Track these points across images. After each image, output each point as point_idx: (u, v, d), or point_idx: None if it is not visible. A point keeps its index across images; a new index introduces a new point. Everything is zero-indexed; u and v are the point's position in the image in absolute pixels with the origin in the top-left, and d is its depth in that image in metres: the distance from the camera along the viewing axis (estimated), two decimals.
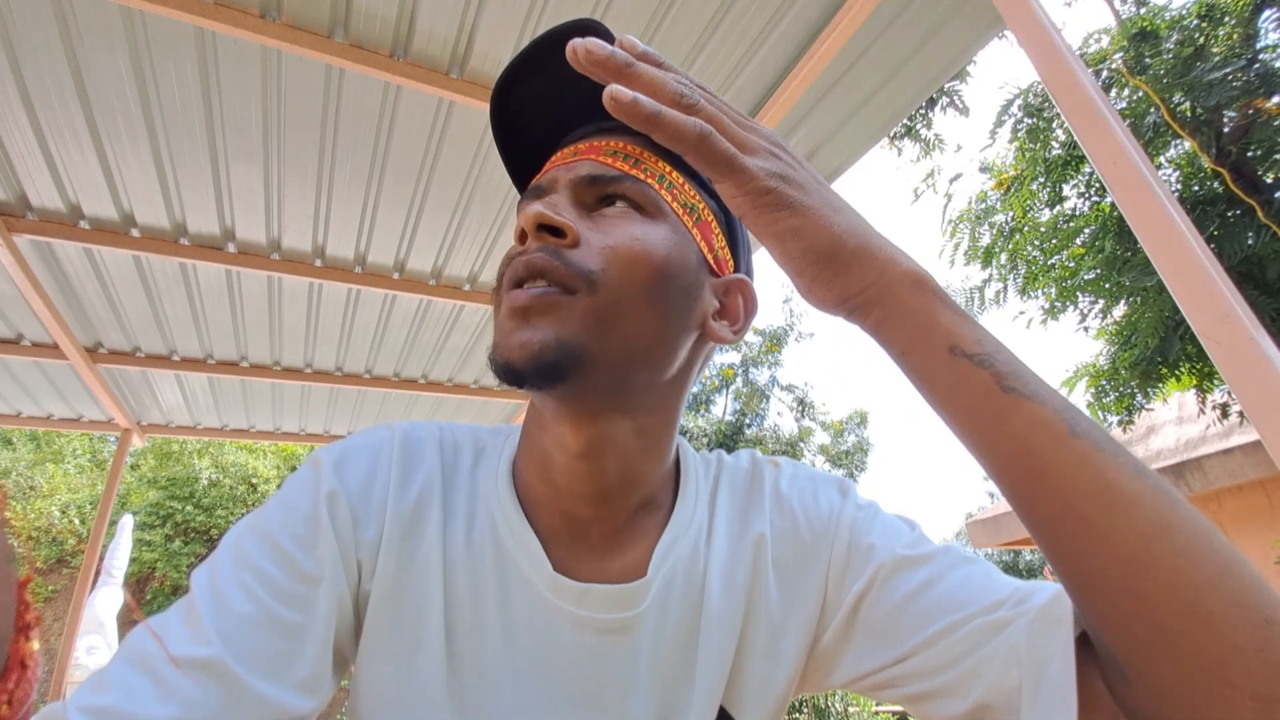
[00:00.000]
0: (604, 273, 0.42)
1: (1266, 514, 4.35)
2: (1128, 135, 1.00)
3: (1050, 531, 0.33)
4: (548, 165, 0.50)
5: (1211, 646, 0.28)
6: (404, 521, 0.46)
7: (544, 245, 0.43)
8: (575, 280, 0.42)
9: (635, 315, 0.43)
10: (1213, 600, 0.28)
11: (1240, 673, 0.28)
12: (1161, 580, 0.29)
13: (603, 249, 0.43)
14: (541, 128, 0.52)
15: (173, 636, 0.37)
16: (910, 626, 0.45)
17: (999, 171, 5.80)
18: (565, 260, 0.42)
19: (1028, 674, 0.37)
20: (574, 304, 0.41)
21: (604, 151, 0.47)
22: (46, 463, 10.31)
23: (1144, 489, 0.31)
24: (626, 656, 0.46)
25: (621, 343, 0.43)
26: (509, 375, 0.41)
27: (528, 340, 0.40)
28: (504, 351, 0.41)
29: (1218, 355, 0.86)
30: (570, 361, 0.41)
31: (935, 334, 0.37)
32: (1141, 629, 0.30)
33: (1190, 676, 0.29)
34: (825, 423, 11.86)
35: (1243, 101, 4.09)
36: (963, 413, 0.36)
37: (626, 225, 0.45)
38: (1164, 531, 0.30)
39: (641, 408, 0.47)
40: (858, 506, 0.53)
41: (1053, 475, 0.32)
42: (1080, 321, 5.15)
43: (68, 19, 1.55)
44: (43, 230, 2.13)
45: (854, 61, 1.91)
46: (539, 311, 0.41)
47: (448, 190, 2.20)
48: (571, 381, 0.41)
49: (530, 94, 0.51)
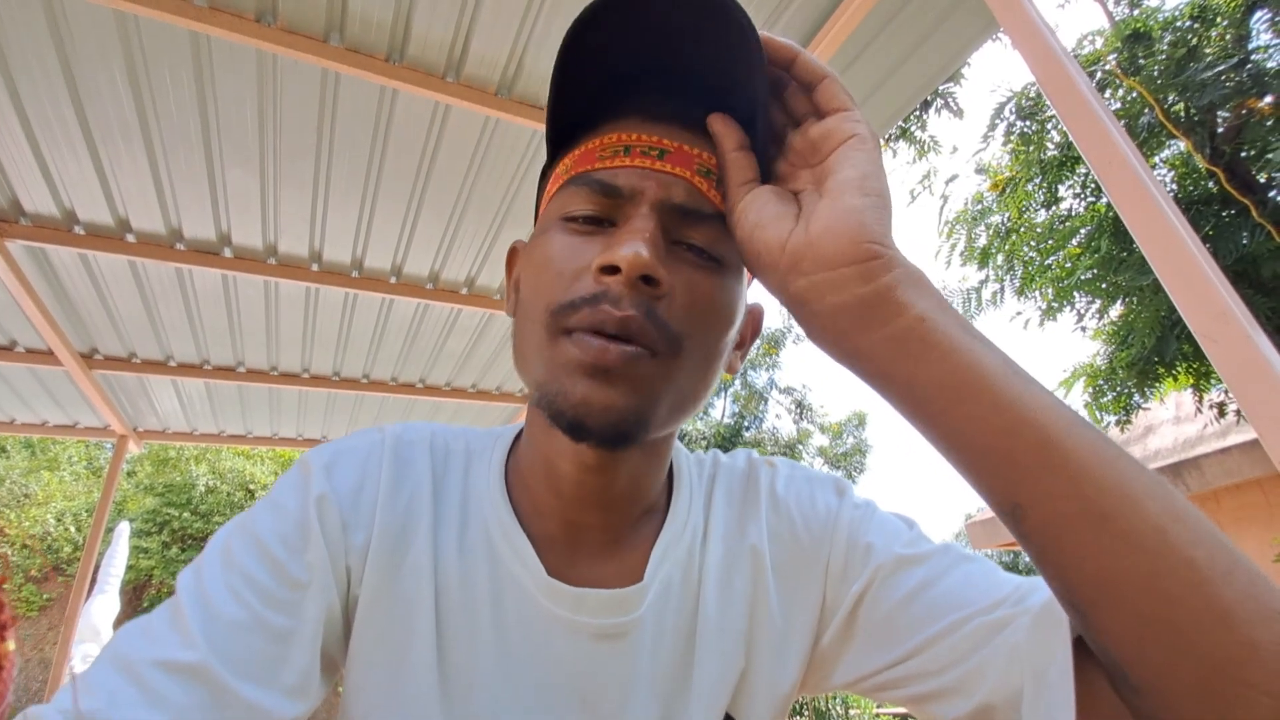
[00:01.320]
0: (689, 339, 0.41)
1: (1264, 512, 4.35)
2: (1123, 136, 1.00)
3: (1067, 528, 0.31)
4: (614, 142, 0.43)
5: (1230, 645, 0.27)
6: (394, 526, 0.46)
7: (642, 302, 0.39)
8: (664, 346, 0.40)
9: (700, 374, 0.43)
10: (1229, 593, 0.28)
11: (1258, 670, 0.27)
12: (1179, 574, 0.28)
13: (686, 308, 0.41)
14: (605, 78, 0.44)
15: (158, 640, 0.37)
16: (910, 626, 0.44)
17: (994, 173, 5.82)
18: (659, 323, 0.40)
19: (1029, 675, 0.36)
20: (658, 369, 0.40)
21: (697, 168, 0.43)
22: (42, 470, 10.25)
23: (1149, 479, 0.31)
24: (623, 662, 0.46)
25: (681, 401, 0.43)
26: (575, 432, 0.39)
27: (611, 405, 0.39)
28: (580, 410, 0.39)
29: (1214, 353, 0.86)
30: (641, 430, 0.40)
31: (949, 309, 0.36)
32: (1162, 629, 0.29)
33: (1209, 678, 0.28)
34: (824, 425, 11.88)
35: (1236, 102, 4.12)
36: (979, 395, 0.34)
37: (706, 279, 0.43)
38: (1176, 521, 0.29)
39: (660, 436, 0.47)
40: (854, 506, 0.52)
41: (1073, 466, 0.31)
42: (1077, 322, 5.17)
43: (60, 23, 1.55)
44: (37, 236, 2.12)
45: (849, 64, 1.91)
46: (624, 376, 0.39)
47: (444, 194, 2.20)
48: (633, 443, 0.41)
49: (604, 39, 0.42)
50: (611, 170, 0.42)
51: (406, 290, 2.61)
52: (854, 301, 0.36)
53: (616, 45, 0.42)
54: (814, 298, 0.37)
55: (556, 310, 0.41)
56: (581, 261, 0.41)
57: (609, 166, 0.43)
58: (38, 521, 9.54)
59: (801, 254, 0.37)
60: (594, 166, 0.43)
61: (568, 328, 0.40)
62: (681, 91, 0.44)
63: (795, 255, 0.38)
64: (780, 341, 11.55)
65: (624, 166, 0.42)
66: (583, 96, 0.45)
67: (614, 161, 0.42)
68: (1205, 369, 4.28)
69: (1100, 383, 4.88)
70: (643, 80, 0.44)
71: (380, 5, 1.58)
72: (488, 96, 1.82)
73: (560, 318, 0.40)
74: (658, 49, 0.43)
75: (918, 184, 7.17)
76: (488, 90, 1.83)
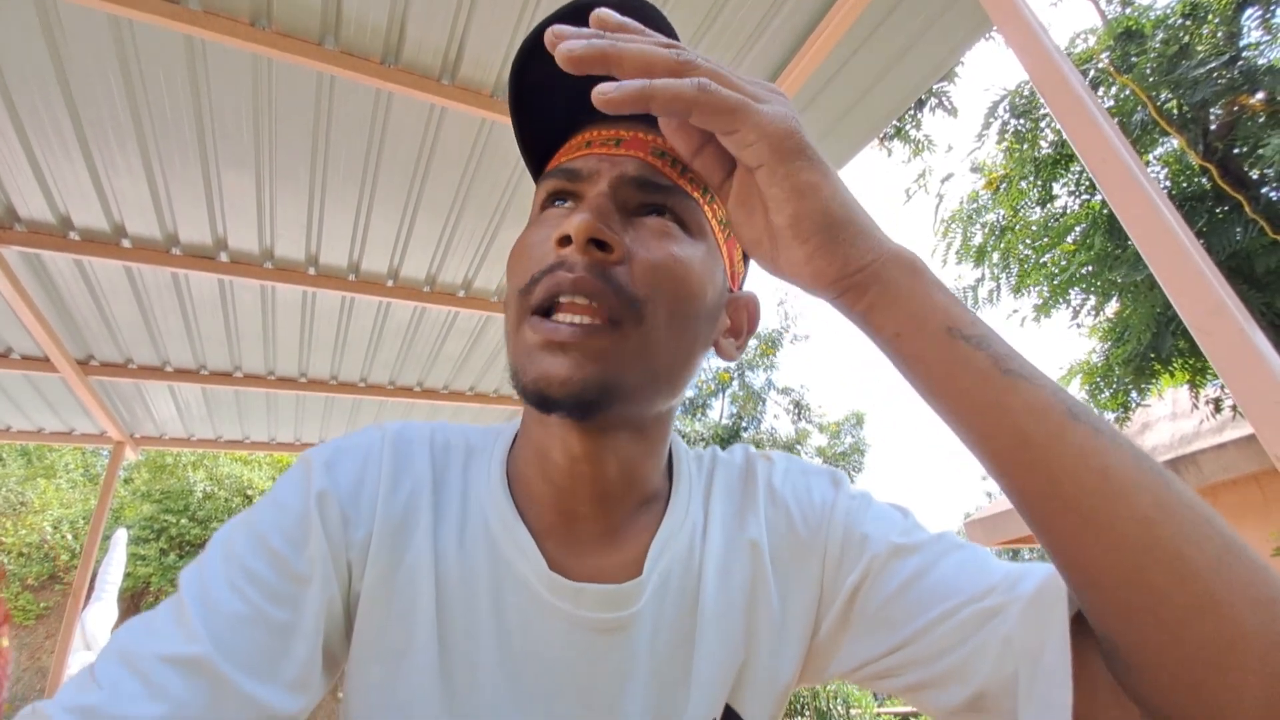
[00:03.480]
0: (649, 302, 0.42)
1: (1260, 507, 4.37)
2: (1116, 133, 1.01)
3: (1052, 521, 0.32)
4: (578, 142, 0.47)
5: (1219, 632, 0.28)
6: (394, 522, 0.46)
7: (593, 263, 0.41)
8: (622, 309, 0.41)
9: (669, 344, 0.44)
10: (1217, 584, 0.28)
11: (1247, 655, 0.28)
12: (1167, 566, 0.29)
13: (646, 270, 0.42)
14: (563, 95, 0.46)
15: (161, 634, 0.37)
16: (905, 615, 0.45)
17: (989, 171, 5.84)
18: (615, 284, 0.41)
19: (1024, 662, 0.37)
20: (618, 339, 0.41)
21: (651, 150, 0.45)
22: (38, 478, 10.20)
23: (1143, 473, 0.31)
24: (623, 655, 0.46)
25: (653, 372, 0.43)
26: (542, 404, 0.41)
27: (569, 377, 0.40)
28: (540, 384, 0.40)
29: (1209, 348, 0.86)
30: (608, 398, 0.41)
31: (933, 315, 0.36)
32: (1148, 618, 0.30)
33: (1197, 663, 0.29)
34: (822, 424, 11.89)
35: (1228, 98, 4.14)
36: (962, 397, 0.35)
37: (668, 244, 0.44)
38: (1166, 515, 0.30)
39: (647, 418, 0.47)
40: (850, 497, 0.53)
41: (1054, 461, 0.32)
42: (1073, 318, 5.19)
43: (54, 28, 1.55)
44: (31, 242, 2.12)
45: (843, 64, 1.92)
46: (580, 349, 0.40)
47: (440, 196, 2.20)
48: (604, 413, 0.42)
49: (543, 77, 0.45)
50: (573, 160, 0.46)
51: (403, 293, 2.61)
52: (847, 316, 0.39)
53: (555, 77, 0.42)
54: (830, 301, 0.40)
55: (523, 290, 0.43)
56: (544, 243, 0.44)
57: (572, 158, 0.47)
58: (34, 529, 9.49)
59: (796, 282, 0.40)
60: (559, 162, 0.48)
61: (531, 308, 0.42)
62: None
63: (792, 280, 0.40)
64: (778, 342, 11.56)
65: (584, 155, 0.46)
66: (544, 124, 0.49)
67: (576, 154, 0.47)
68: (1201, 365, 4.30)
69: (1097, 379, 4.90)
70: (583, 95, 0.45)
71: (375, 9, 1.58)
72: (483, 98, 1.82)
73: (526, 297, 0.43)
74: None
75: (913, 183, 7.19)
76: (483, 92, 1.83)
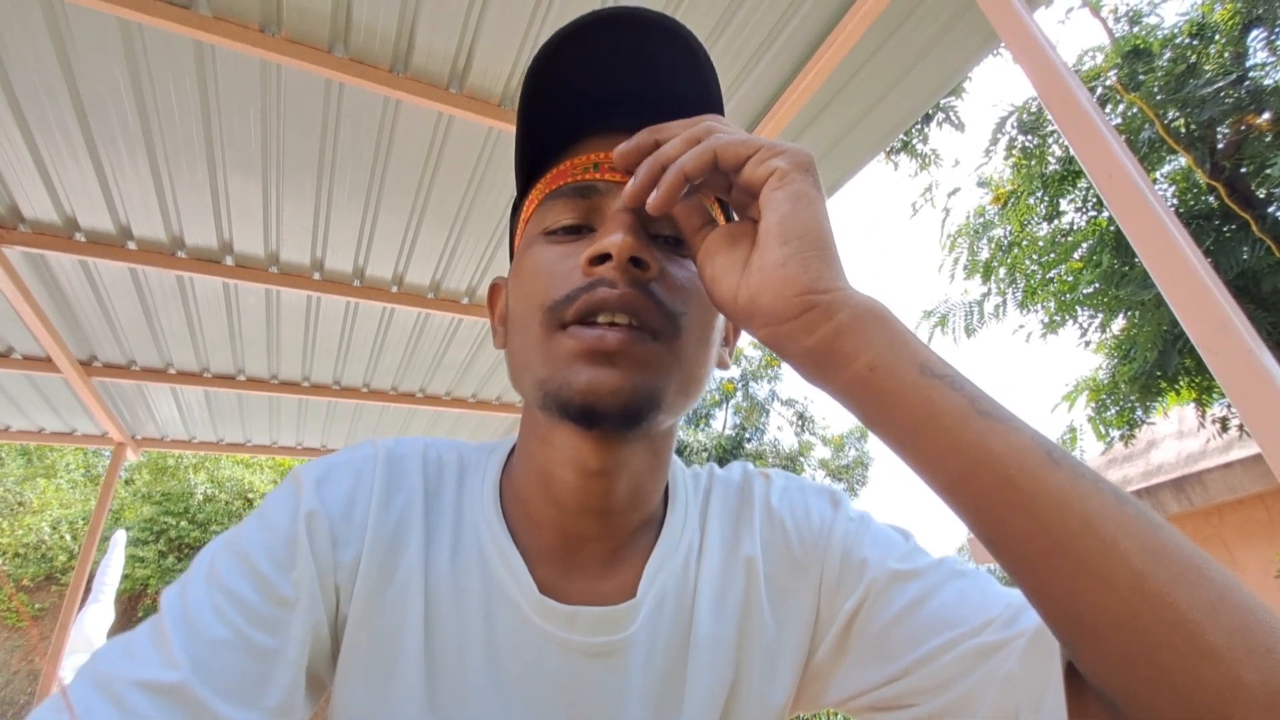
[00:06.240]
0: (684, 317, 0.43)
1: (1266, 528, 4.32)
2: (1124, 150, 1.00)
3: (1040, 566, 0.30)
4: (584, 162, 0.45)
5: (1215, 681, 0.26)
6: (384, 543, 0.45)
7: (635, 280, 0.41)
8: (663, 323, 0.41)
9: (698, 356, 0.44)
10: (1213, 631, 0.27)
11: (1244, 706, 0.26)
12: (1160, 614, 0.27)
13: (676, 287, 0.43)
14: (571, 105, 0.46)
15: (139, 659, 0.36)
16: (903, 644, 0.43)
17: (996, 186, 5.85)
18: (657, 300, 0.41)
19: (1025, 702, 0.36)
20: (662, 351, 0.41)
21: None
22: (38, 478, 10.21)
23: (1128, 516, 0.29)
24: (616, 680, 0.45)
25: (684, 383, 0.44)
26: (587, 417, 0.40)
27: (619, 387, 0.39)
28: (588, 395, 0.39)
29: (1216, 366, 0.85)
30: (652, 407, 0.41)
31: (906, 349, 0.34)
32: (1142, 668, 0.28)
33: (1192, 713, 0.27)
34: (825, 437, 11.83)
35: (1235, 117, 4.15)
36: (941, 436, 0.32)
37: (686, 262, 0.45)
38: (1155, 560, 0.28)
39: (662, 431, 0.47)
40: (849, 519, 0.51)
41: (1038, 508, 0.30)
42: (1080, 335, 5.17)
43: (63, 30, 1.56)
44: (36, 242, 2.12)
45: (850, 78, 1.92)
46: (628, 357, 0.40)
47: (446, 204, 2.20)
48: (642, 425, 0.41)
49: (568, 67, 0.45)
50: (586, 179, 0.45)
51: (407, 300, 2.61)
52: (804, 353, 0.36)
53: (582, 73, 0.45)
54: (776, 346, 0.38)
55: (552, 306, 0.42)
56: (569, 264, 0.42)
57: (582, 179, 0.45)
58: (32, 530, 9.48)
59: (752, 309, 0.38)
60: (568, 181, 0.45)
61: (564, 321, 0.41)
62: (639, 114, 0.45)
63: (748, 309, 0.38)
64: None
65: (593, 177, 0.45)
66: (552, 124, 0.47)
67: (585, 176, 0.45)
68: (1207, 383, 4.27)
69: (1103, 397, 4.87)
70: (604, 105, 0.46)
71: (384, 16, 1.59)
72: (491, 107, 1.83)
73: (556, 312, 0.41)
74: (622, 75, 0.45)
75: (920, 197, 7.19)
76: (491, 101, 1.84)
